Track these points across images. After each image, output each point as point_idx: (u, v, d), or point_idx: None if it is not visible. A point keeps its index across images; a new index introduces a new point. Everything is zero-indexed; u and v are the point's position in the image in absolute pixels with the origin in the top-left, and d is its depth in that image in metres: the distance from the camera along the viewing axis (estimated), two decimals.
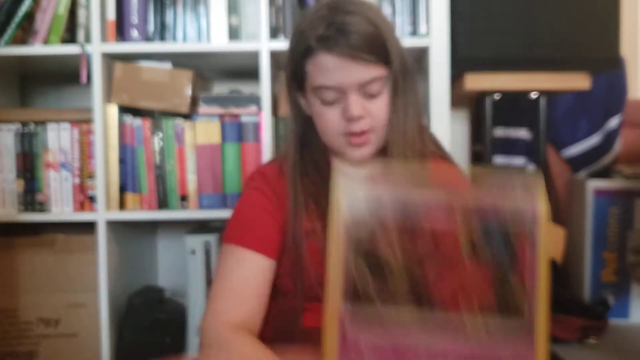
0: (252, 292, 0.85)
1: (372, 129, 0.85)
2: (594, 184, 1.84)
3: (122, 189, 1.45)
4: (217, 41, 1.44)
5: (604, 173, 1.97)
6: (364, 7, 0.84)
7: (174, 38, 1.45)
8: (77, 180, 1.46)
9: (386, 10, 1.44)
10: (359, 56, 0.80)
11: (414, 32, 1.44)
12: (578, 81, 1.54)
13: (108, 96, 1.44)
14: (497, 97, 1.61)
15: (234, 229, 0.90)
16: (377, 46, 0.82)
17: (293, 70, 0.89)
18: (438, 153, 0.96)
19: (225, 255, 0.89)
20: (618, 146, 1.98)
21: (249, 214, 0.90)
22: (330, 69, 0.82)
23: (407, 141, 0.87)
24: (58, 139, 1.46)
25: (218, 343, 0.80)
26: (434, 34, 1.40)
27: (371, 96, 0.84)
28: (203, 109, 1.45)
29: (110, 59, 1.46)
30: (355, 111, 0.82)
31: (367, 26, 0.81)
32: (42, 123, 1.46)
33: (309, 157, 0.92)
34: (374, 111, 0.85)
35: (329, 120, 0.86)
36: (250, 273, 0.85)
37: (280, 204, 0.90)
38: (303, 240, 0.86)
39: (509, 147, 1.92)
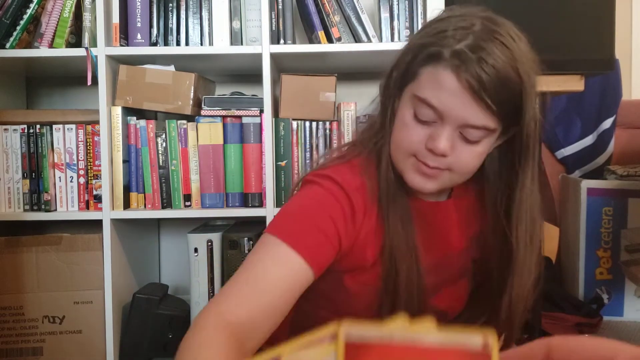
0: (273, 300, 0.67)
1: (449, 168, 0.73)
2: (588, 184, 1.87)
3: (127, 189, 1.48)
4: (220, 45, 1.47)
5: (597, 173, 1.99)
6: (518, 46, 0.71)
7: (177, 41, 1.48)
8: (82, 180, 1.49)
9: (384, 14, 1.47)
10: (482, 96, 0.67)
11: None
12: (572, 83, 1.54)
13: (113, 98, 1.46)
14: None
15: (287, 222, 0.73)
16: (506, 95, 0.69)
17: (406, 66, 0.75)
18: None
19: (263, 248, 0.71)
20: (611, 147, 2.00)
21: (313, 213, 0.74)
22: (445, 89, 0.69)
23: (531, 210, 0.76)
24: (64, 139, 1.48)
25: (195, 332, 0.66)
26: None
27: (467, 140, 0.72)
28: (206, 110, 1.47)
29: (115, 61, 1.48)
30: (442, 146, 0.70)
31: (508, 69, 0.68)
32: (48, 124, 1.49)
33: (392, 179, 0.78)
34: (461, 155, 0.72)
35: (410, 136, 0.73)
36: (284, 277, 0.68)
37: (354, 221, 0.75)
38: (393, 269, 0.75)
39: None
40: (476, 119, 0.69)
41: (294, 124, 1.48)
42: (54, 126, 1.48)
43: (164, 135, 1.48)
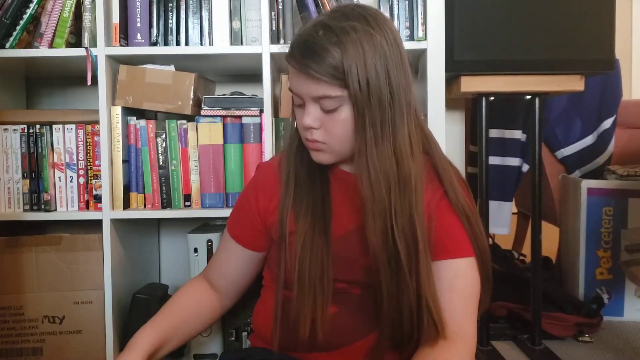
0: (234, 271, 1.02)
1: (325, 141, 0.84)
2: (588, 184, 1.87)
3: (127, 189, 1.48)
4: (220, 44, 1.47)
5: (597, 173, 1.99)
6: (353, 27, 0.79)
7: (177, 41, 1.48)
8: (82, 180, 1.49)
9: (384, 13, 1.47)
10: (308, 72, 0.79)
11: (411, 36, 1.47)
12: (572, 83, 1.54)
13: (113, 98, 1.46)
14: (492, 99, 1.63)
15: (230, 218, 1.03)
16: (333, 69, 0.78)
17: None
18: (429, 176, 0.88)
19: (221, 240, 1.05)
20: (611, 147, 2.00)
21: (239, 208, 1.02)
22: (291, 75, 0.84)
23: (376, 168, 0.81)
24: (63, 139, 1.48)
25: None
26: (430, 37, 1.42)
27: (328, 111, 0.82)
28: (206, 110, 1.47)
29: (115, 61, 1.48)
30: (305, 121, 0.83)
31: (333, 48, 0.78)
32: (48, 124, 1.48)
33: (305, 156, 0.91)
34: (329, 125, 0.83)
35: (297, 120, 0.88)
36: (232, 257, 1.02)
37: (275, 199, 0.94)
38: (286, 239, 0.89)
39: (504, 148, 1.95)
40: (316, 91, 0.80)
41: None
42: (54, 126, 1.48)
43: (163, 135, 1.47)
